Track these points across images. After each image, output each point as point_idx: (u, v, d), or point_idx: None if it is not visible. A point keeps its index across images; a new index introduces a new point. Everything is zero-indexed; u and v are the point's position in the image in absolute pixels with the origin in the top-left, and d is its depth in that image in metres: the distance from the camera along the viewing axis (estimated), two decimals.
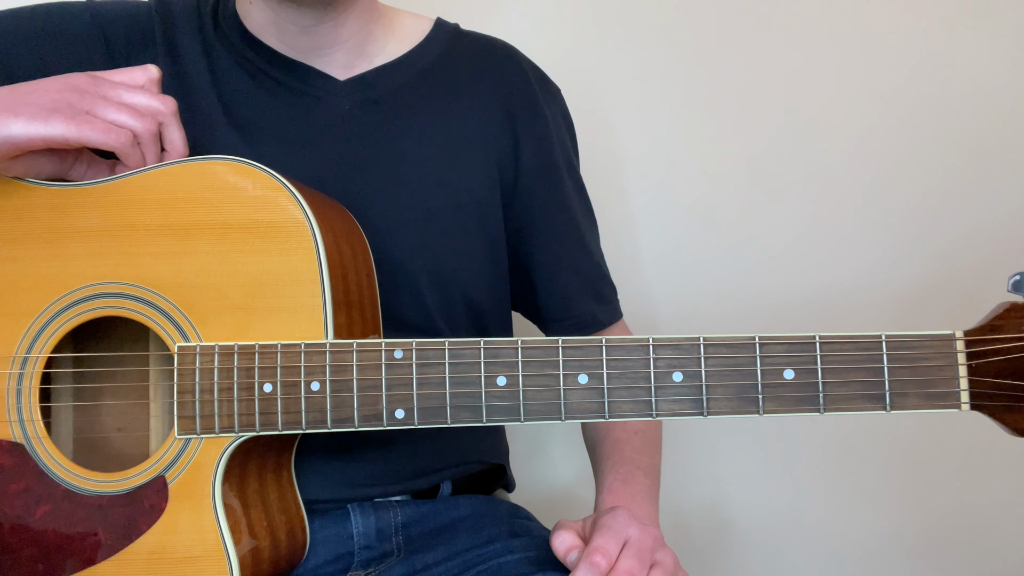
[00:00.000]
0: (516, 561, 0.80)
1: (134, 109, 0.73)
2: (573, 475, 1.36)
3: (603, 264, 1.00)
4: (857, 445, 1.34)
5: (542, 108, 0.93)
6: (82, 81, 0.73)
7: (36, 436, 0.73)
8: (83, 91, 0.72)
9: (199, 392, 0.70)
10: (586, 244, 0.97)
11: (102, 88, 0.73)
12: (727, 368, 0.67)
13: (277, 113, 0.85)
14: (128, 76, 0.75)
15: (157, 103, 0.74)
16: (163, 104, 0.74)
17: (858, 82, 1.30)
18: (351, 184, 0.84)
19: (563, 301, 0.95)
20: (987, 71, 1.29)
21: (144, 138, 0.73)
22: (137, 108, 0.73)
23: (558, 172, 0.94)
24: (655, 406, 0.67)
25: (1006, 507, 1.33)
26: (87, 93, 0.72)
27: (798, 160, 1.31)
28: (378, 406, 0.69)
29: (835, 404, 0.66)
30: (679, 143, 1.32)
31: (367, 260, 0.79)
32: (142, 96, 0.74)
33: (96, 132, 0.70)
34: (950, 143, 1.30)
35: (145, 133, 0.73)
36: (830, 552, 1.36)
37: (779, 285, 1.31)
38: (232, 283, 0.71)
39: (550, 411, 0.68)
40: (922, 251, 1.30)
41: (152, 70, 0.76)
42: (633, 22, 1.31)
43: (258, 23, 0.86)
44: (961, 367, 0.65)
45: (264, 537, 0.74)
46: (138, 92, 0.74)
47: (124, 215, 0.73)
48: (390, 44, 0.90)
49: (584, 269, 0.97)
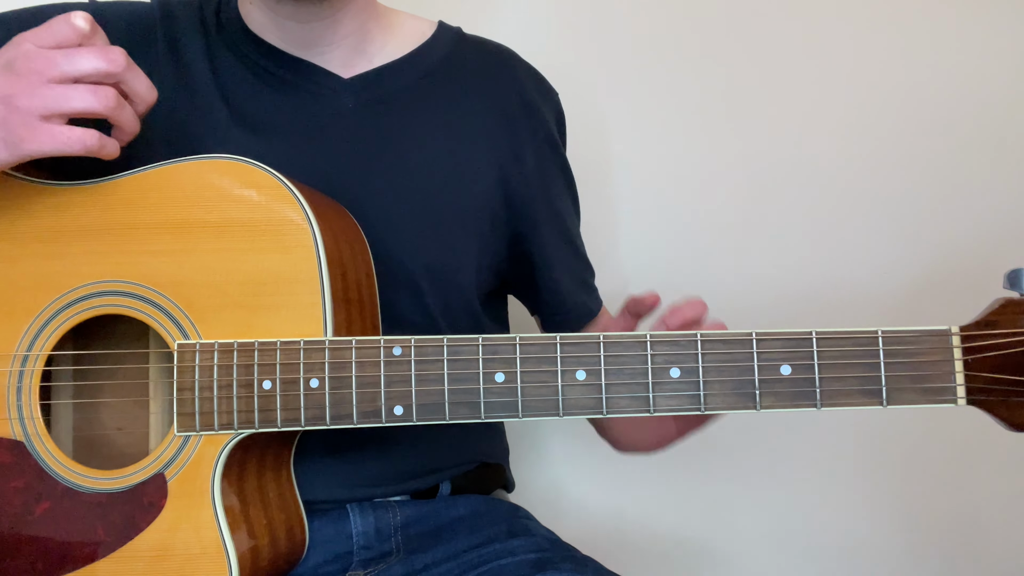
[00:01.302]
0: (516, 563, 0.80)
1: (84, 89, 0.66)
2: (573, 475, 1.36)
3: (585, 253, 1.02)
4: (853, 444, 1.34)
5: (541, 111, 0.94)
6: (12, 84, 0.66)
7: (36, 434, 0.73)
8: (18, 98, 0.66)
9: (199, 389, 0.71)
10: (574, 240, 0.99)
11: (38, 72, 0.66)
12: (724, 364, 0.67)
13: (281, 110, 0.86)
14: (54, 36, 0.67)
15: (104, 63, 0.67)
16: (110, 61, 0.67)
17: (852, 79, 1.31)
18: (354, 182, 0.84)
19: (560, 297, 0.97)
20: (980, 69, 1.30)
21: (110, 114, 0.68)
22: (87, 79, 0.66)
23: (554, 174, 0.96)
24: (652, 402, 0.68)
25: (1003, 505, 1.33)
26: (24, 97, 0.66)
27: (794, 157, 1.31)
28: (377, 403, 0.69)
29: (832, 399, 0.66)
30: (676, 140, 1.33)
31: (366, 259, 0.80)
32: (86, 60, 0.66)
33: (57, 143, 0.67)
34: (945, 139, 1.30)
35: (106, 110, 0.68)
36: (827, 551, 1.36)
37: (775, 282, 1.31)
38: (232, 281, 0.72)
39: (548, 407, 0.68)
40: (918, 247, 1.31)
41: (78, 20, 0.67)
42: (628, 23, 1.32)
43: (259, 21, 0.87)
44: (957, 362, 0.65)
45: (263, 535, 0.74)
46: (79, 55, 0.66)
47: (124, 213, 0.73)
48: (389, 44, 0.90)
49: (575, 266, 0.99)
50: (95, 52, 0.67)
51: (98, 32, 0.69)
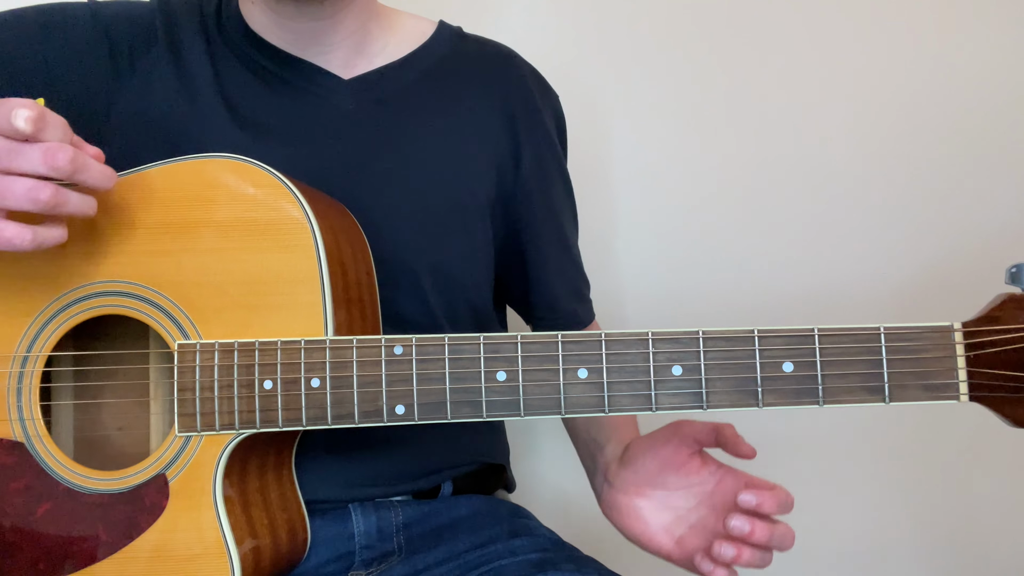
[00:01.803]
0: (517, 563, 0.80)
1: (23, 188, 0.62)
2: (573, 475, 1.36)
3: (582, 264, 1.02)
4: (856, 441, 1.34)
5: (540, 112, 0.94)
6: None
7: (36, 435, 0.73)
8: None
9: (199, 390, 0.70)
10: (571, 246, 1.00)
11: None
12: (726, 361, 0.67)
13: (281, 111, 0.86)
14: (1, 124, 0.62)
15: (44, 168, 0.62)
16: (51, 168, 0.62)
17: (854, 77, 1.32)
18: (354, 182, 0.84)
19: (551, 301, 0.98)
20: (981, 67, 1.30)
21: (48, 213, 0.64)
22: (29, 193, 0.62)
23: (552, 176, 0.96)
24: (655, 400, 0.68)
25: (1005, 502, 1.33)
26: None
27: (796, 154, 1.32)
28: (378, 402, 0.69)
29: (834, 397, 0.66)
30: (678, 139, 1.33)
31: (366, 258, 0.80)
32: (27, 161, 0.62)
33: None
34: (948, 136, 1.30)
35: (43, 211, 0.64)
36: (830, 561, 1.36)
37: (777, 280, 1.31)
38: (232, 281, 0.72)
39: (550, 406, 0.68)
40: (920, 243, 1.31)
41: (20, 120, 0.61)
42: (631, 23, 1.32)
43: (260, 22, 0.87)
44: (960, 358, 0.65)
45: (265, 535, 0.74)
46: (22, 154, 0.62)
47: (124, 213, 0.73)
48: (390, 44, 0.90)
49: (569, 271, 0.99)
50: (39, 154, 0.62)
51: (48, 126, 0.63)
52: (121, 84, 0.84)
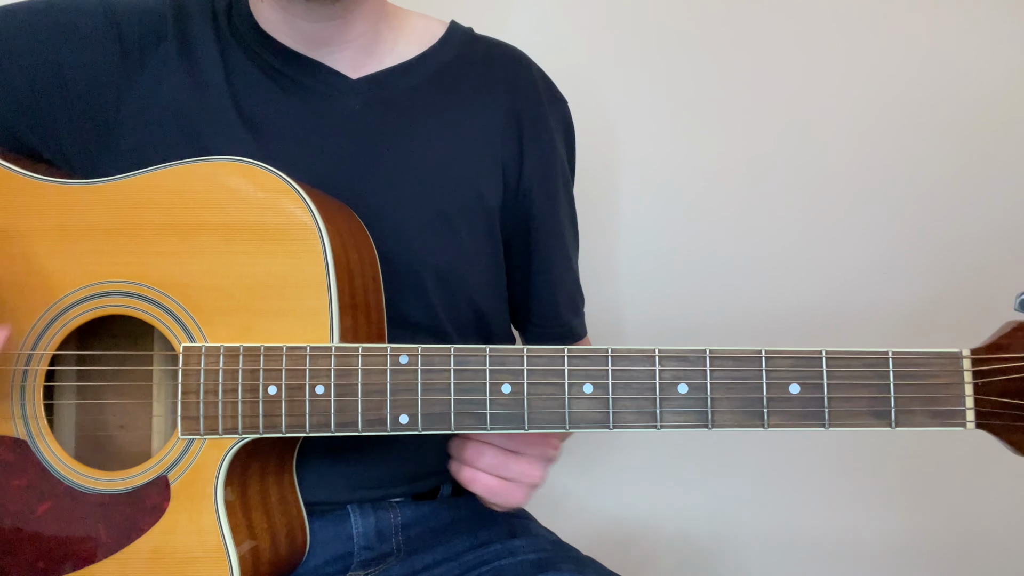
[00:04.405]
0: (516, 564, 0.81)
1: None
2: (572, 475, 1.37)
3: (579, 278, 1.02)
4: (859, 455, 1.34)
5: (547, 118, 0.93)
6: None
7: (39, 433, 0.73)
8: None
9: (203, 393, 0.70)
10: (570, 258, 0.99)
11: None
12: (733, 381, 0.67)
13: (289, 111, 0.85)
14: None
15: None
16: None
17: (862, 94, 1.30)
18: (360, 182, 0.84)
19: (550, 310, 0.97)
20: (996, 82, 1.29)
21: None
22: None
23: (555, 183, 0.95)
24: (660, 417, 0.67)
25: (1009, 518, 1.34)
26: None
27: (807, 173, 1.31)
28: (382, 411, 0.69)
29: (840, 420, 0.66)
30: (681, 152, 1.32)
31: (373, 264, 0.79)
32: None
33: None
34: (960, 157, 1.29)
35: None
36: (830, 563, 1.36)
37: (784, 299, 1.31)
38: (238, 284, 0.71)
39: (554, 420, 0.68)
40: (929, 265, 1.30)
41: None
42: (638, 25, 1.31)
43: (270, 21, 0.86)
44: (967, 385, 0.65)
45: (264, 539, 0.74)
46: None
47: (132, 214, 0.73)
48: (399, 45, 0.89)
49: (567, 282, 0.99)
50: None
51: None
52: (131, 78, 0.84)
